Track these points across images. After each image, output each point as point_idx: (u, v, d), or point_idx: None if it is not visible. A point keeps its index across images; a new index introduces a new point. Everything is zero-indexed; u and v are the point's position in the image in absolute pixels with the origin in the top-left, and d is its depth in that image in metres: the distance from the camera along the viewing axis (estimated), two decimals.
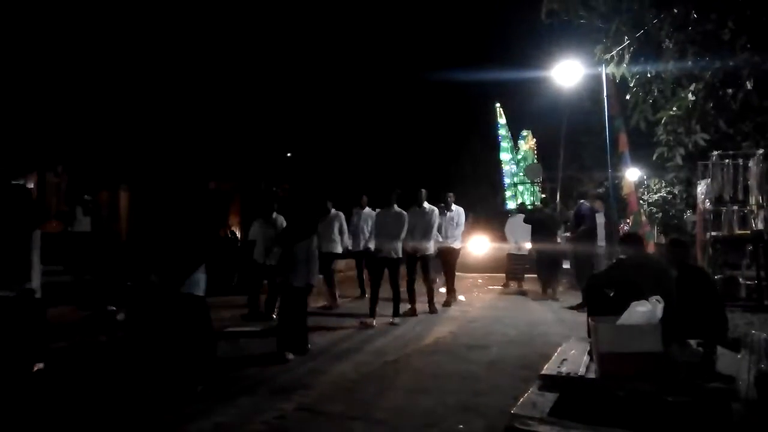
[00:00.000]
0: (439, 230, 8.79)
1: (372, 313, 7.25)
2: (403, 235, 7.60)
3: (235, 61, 18.10)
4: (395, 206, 7.73)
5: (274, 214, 7.75)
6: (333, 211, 8.90)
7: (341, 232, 8.94)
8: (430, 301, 8.36)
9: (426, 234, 8.14)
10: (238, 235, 14.46)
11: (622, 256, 4.98)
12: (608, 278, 4.57)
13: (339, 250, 9.01)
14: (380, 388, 4.42)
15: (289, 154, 23.71)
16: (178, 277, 4.28)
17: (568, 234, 9.46)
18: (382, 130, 26.36)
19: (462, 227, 9.27)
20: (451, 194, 9.28)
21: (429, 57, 33.94)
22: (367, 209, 9.44)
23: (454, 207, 9.20)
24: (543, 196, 21.76)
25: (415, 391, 4.32)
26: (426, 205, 8.28)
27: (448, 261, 9.20)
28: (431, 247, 8.29)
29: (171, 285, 4.28)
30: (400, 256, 7.66)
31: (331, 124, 23.41)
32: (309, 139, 21.60)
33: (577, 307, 8.31)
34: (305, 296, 5.77)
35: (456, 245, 9.19)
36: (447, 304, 8.97)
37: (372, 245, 8.31)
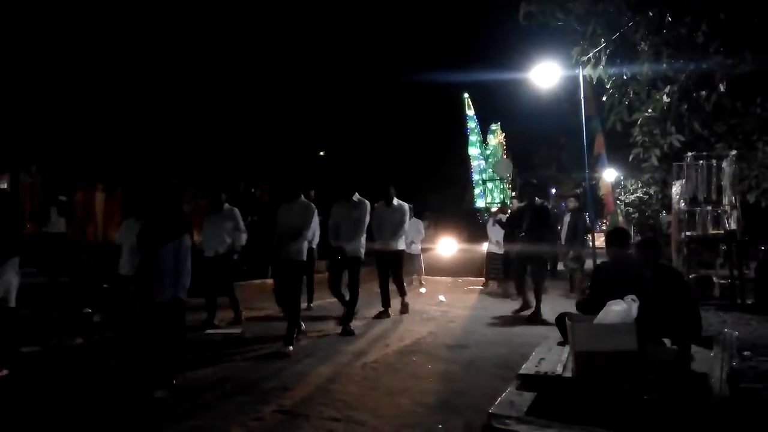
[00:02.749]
0: (379, 230, 7.79)
1: (288, 341, 5.68)
2: (308, 231, 6.14)
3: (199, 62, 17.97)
4: (302, 197, 6.27)
5: None
6: (227, 206, 7.34)
7: (237, 231, 7.29)
8: (348, 315, 6.79)
9: (353, 233, 6.76)
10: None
11: (598, 262, 5.02)
12: (598, 292, 4.50)
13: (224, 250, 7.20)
14: (360, 390, 4.41)
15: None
16: None
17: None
18: (340, 123, 25.89)
19: (405, 225, 8.02)
20: (391, 187, 7.93)
21: (399, 55, 33.74)
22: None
23: (396, 202, 7.92)
24: (513, 194, 21.77)
25: (394, 392, 4.33)
26: (356, 197, 6.94)
27: (389, 267, 7.87)
28: (361, 248, 6.85)
29: None
30: (304, 259, 6.11)
31: (292, 122, 23.20)
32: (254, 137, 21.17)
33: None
34: (174, 313, 4.54)
35: (398, 247, 7.89)
36: (382, 316, 7.69)
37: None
